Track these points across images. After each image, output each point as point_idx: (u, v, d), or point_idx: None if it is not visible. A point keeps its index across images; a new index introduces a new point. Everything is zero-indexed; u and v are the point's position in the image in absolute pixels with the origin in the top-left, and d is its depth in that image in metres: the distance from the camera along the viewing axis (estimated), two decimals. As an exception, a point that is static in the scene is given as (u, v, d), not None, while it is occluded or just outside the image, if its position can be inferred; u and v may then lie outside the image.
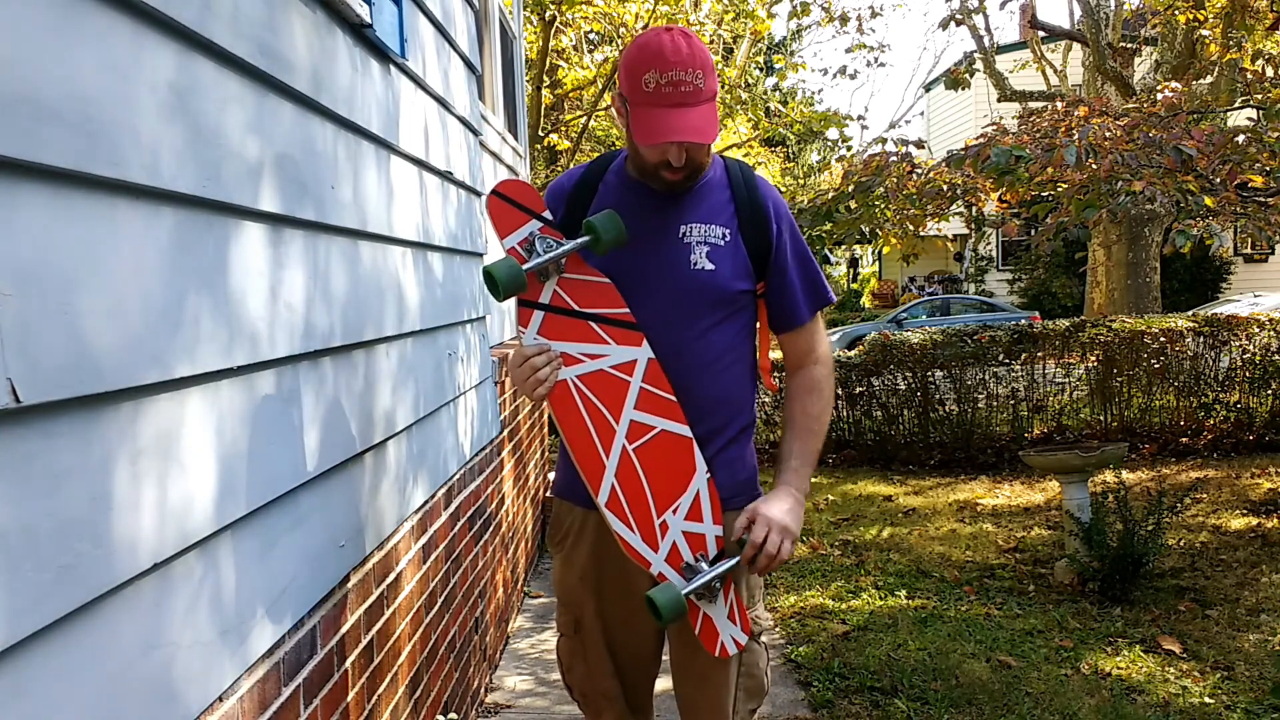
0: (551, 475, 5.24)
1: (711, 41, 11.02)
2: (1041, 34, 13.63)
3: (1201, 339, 6.68)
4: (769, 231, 1.77)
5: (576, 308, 1.68)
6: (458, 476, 2.82)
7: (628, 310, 1.70)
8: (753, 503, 1.71)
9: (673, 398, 1.70)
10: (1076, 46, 13.15)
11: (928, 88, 23.92)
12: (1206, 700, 3.00)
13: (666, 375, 1.71)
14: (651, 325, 1.71)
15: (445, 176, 2.76)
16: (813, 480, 1.70)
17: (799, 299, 1.82)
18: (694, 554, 1.69)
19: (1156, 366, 6.68)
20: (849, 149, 12.32)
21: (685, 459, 1.70)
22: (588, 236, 1.63)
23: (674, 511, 1.69)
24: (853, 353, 7.12)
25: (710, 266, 1.72)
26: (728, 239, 1.74)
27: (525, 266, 1.63)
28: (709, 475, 1.71)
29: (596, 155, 2.48)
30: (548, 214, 1.69)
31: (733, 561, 1.67)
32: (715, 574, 1.66)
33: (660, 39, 1.60)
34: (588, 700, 1.92)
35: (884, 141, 9.54)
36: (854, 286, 27.59)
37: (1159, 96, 5.81)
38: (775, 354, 1.94)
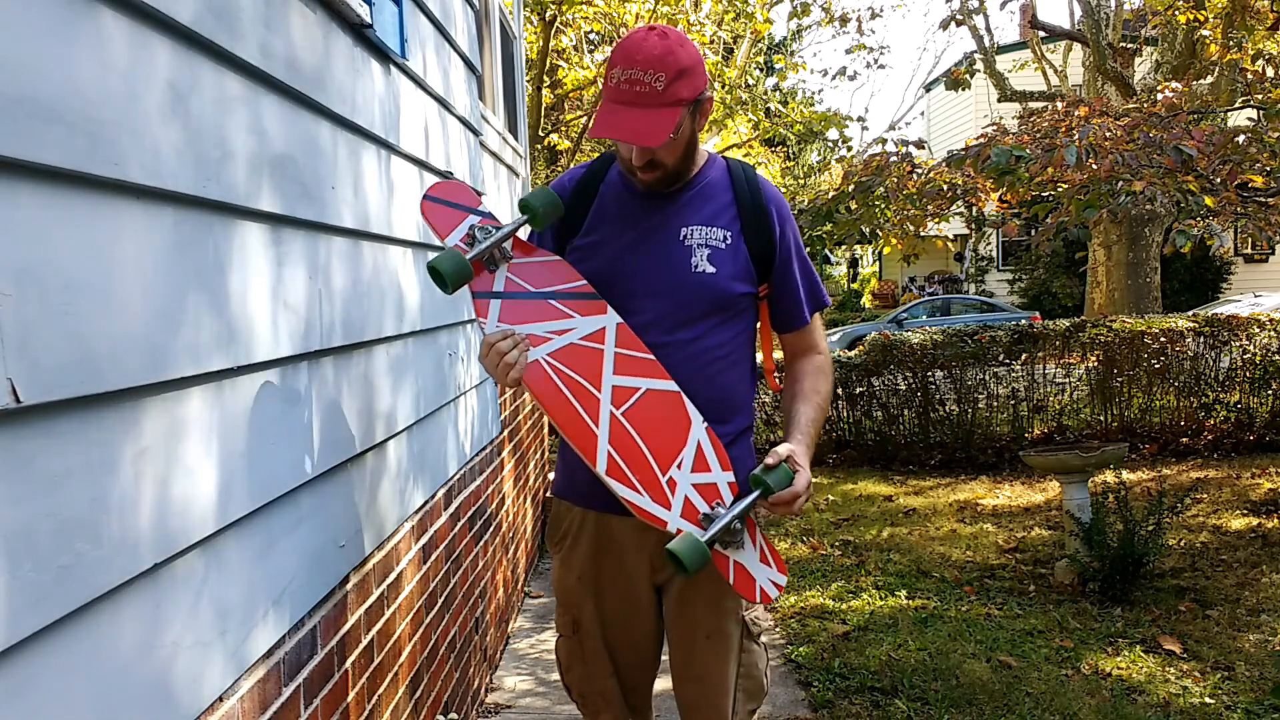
0: (552, 475, 5.24)
1: (711, 41, 11.02)
2: (1041, 34, 13.63)
3: (1202, 339, 6.68)
4: (772, 234, 1.77)
5: (531, 289, 1.67)
6: (458, 476, 2.81)
7: (584, 281, 1.68)
8: (787, 446, 1.65)
9: (650, 356, 1.66)
10: (1076, 46, 13.15)
11: (928, 88, 23.92)
12: (1207, 700, 3.00)
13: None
14: (651, 327, 1.71)
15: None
16: (813, 480, 1.69)
17: (801, 301, 1.83)
18: (709, 504, 1.62)
19: (1157, 367, 6.68)
20: (849, 149, 12.32)
21: (678, 413, 1.66)
22: (524, 215, 1.62)
23: (678, 467, 1.64)
24: (853, 353, 7.11)
25: (711, 269, 1.72)
26: (729, 241, 1.74)
27: (469, 255, 1.62)
28: (706, 424, 1.67)
29: (597, 155, 2.48)
30: (483, 207, 1.68)
31: (749, 499, 1.60)
32: (733, 514, 1.59)
33: (637, 37, 1.60)
34: (586, 700, 1.92)
35: (884, 142, 9.54)
36: (854, 287, 27.58)
37: (1159, 97, 5.81)
38: (779, 354, 1.95)
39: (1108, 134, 4.76)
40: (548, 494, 5.15)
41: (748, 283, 1.76)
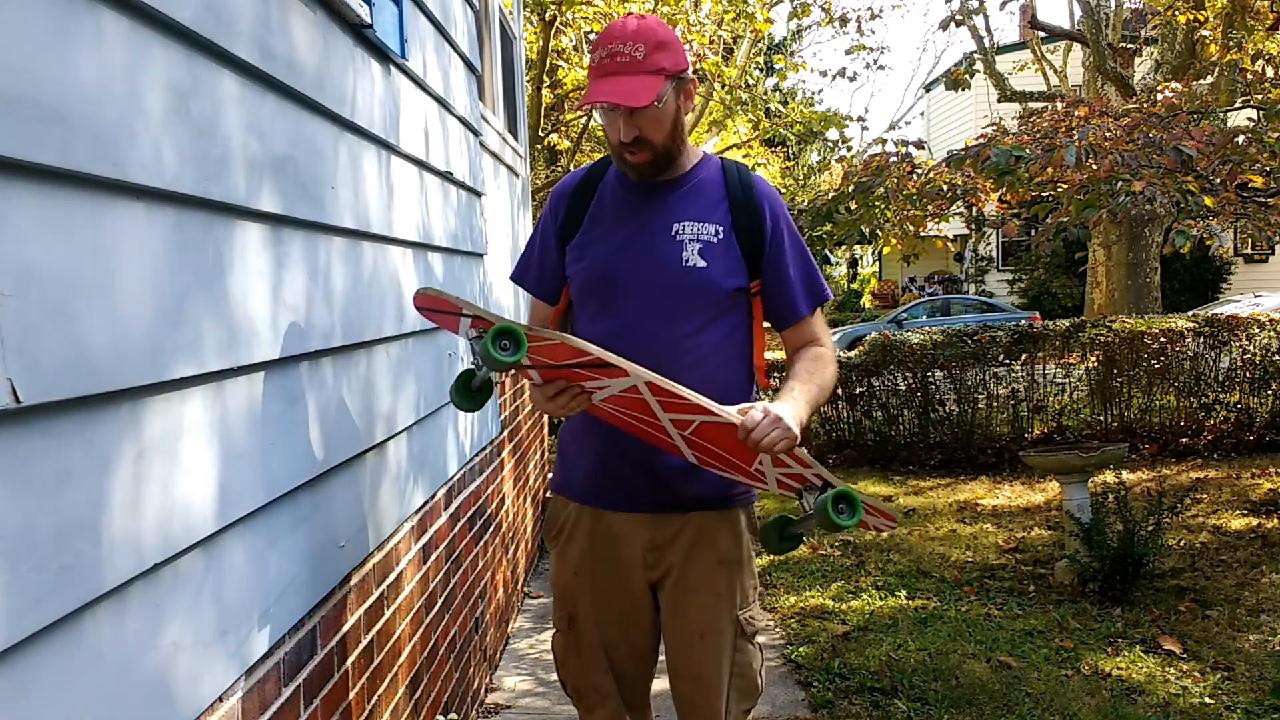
0: (552, 475, 5.24)
1: (711, 41, 11.00)
2: (1041, 34, 13.63)
3: (1202, 339, 6.68)
4: (763, 230, 1.78)
5: (553, 363, 1.66)
6: (458, 477, 2.82)
7: (592, 355, 1.58)
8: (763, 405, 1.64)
9: (691, 398, 1.58)
10: (1076, 47, 13.16)
11: (928, 88, 23.92)
12: (1207, 701, 3.00)
13: (659, 372, 1.68)
14: (643, 321, 1.72)
15: (445, 177, 2.75)
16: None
17: (796, 294, 1.82)
18: (802, 485, 1.71)
19: (1157, 367, 6.68)
20: (849, 150, 12.32)
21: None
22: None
23: (760, 462, 1.68)
24: (853, 353, 7.11)
25: (702, 264, 1.73)
26: (720, 236, 1.75)
27: (474, 384, 1.70)
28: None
29: (597, 155, 2.48)
30: (463, 310, 1.65)
31: (809, 522, 1.70)
32: (806, 527, 1.72)
33: (615, 22, 1.67)
34: (581, 695, 1.93)
35: (884, 142, 9.55)
36: (854, 287, 27.58)
37: (1159, 97, 5.81)
38: (771, 355, 1.94)
39: (1108, 134, 4.76)
40: (547, 494, 5.15)
41: (739, 277, 1.76)
